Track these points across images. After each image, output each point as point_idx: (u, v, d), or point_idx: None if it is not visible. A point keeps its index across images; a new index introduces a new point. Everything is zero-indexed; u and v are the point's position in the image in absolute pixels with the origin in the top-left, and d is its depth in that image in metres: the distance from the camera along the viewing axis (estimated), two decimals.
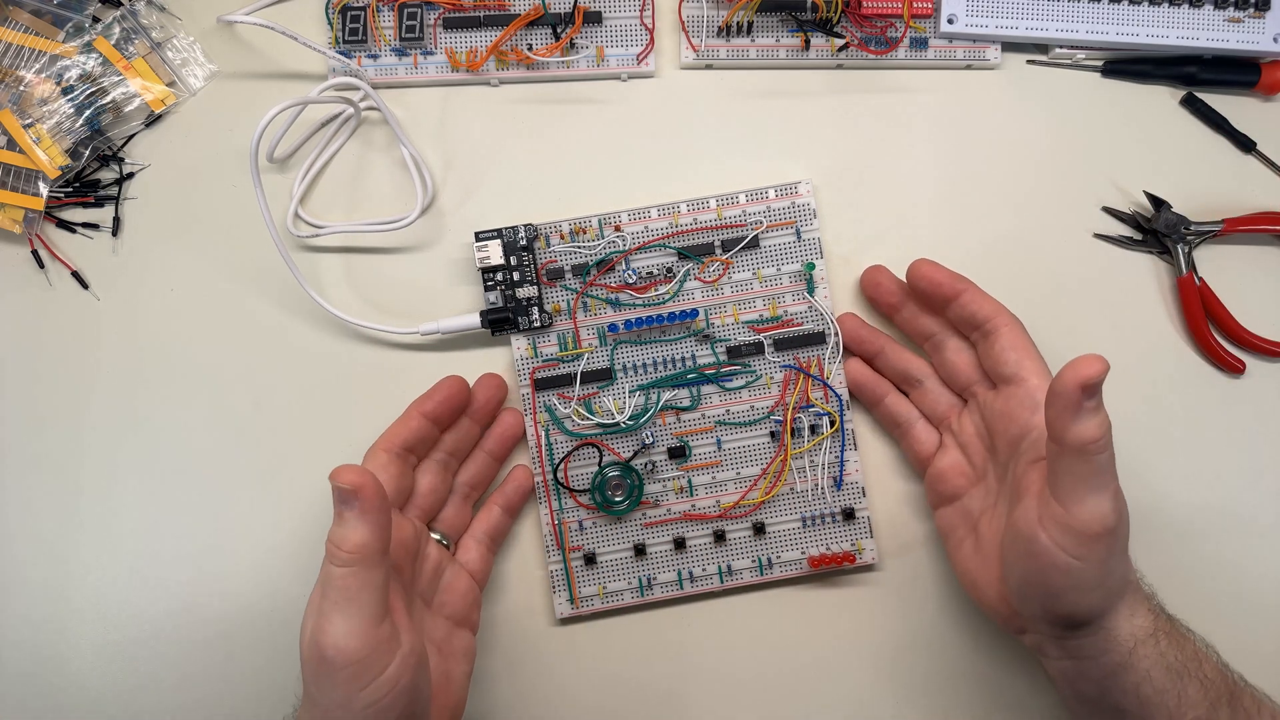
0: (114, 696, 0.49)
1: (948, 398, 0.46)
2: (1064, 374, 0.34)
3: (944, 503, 0.46)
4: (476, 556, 0.46)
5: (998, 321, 0.43)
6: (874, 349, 0.48)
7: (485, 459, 0.47)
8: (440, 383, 0.45)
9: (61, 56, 0.50)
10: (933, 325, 0.46)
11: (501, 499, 0.48)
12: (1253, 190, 0.51)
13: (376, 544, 0.34)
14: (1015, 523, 0.38)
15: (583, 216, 0.49)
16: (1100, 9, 0.50)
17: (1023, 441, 0.41)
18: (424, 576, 0.43)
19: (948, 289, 0.44)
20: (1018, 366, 0.42)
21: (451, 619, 0.44)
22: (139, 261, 0.51)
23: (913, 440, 0.47)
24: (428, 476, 0.45)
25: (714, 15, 0.50)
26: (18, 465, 0.49)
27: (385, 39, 0.50)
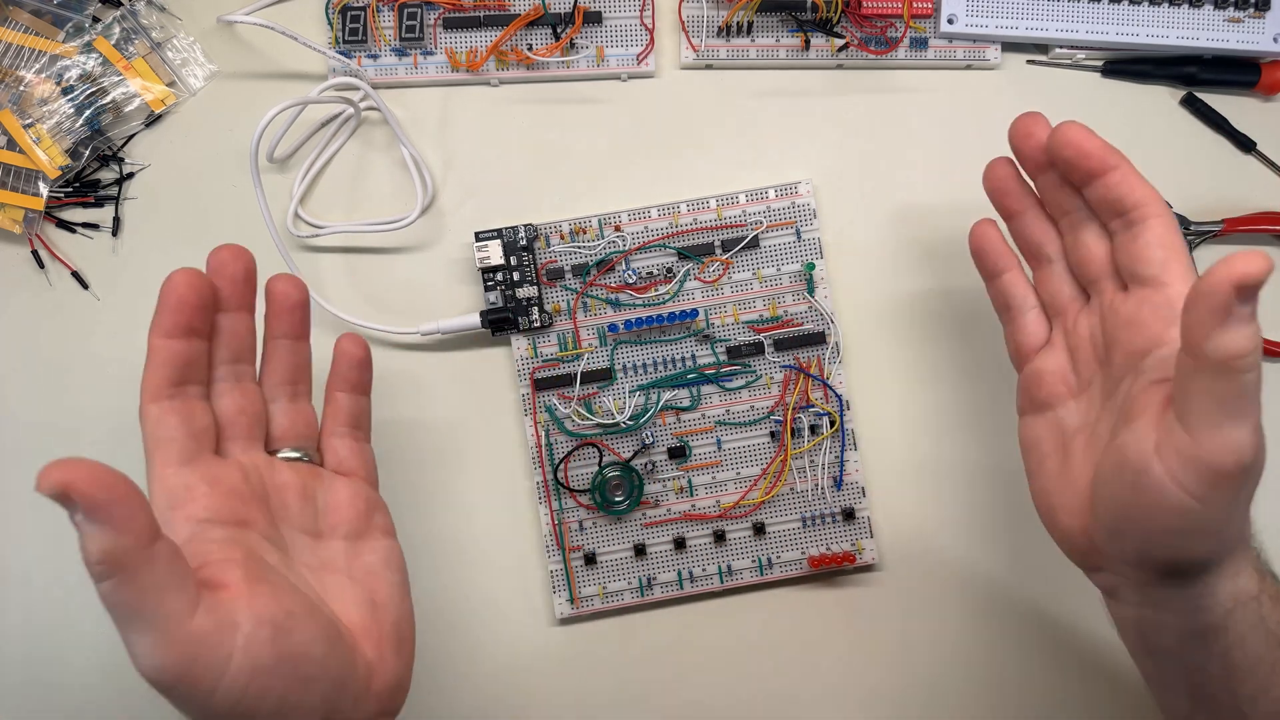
0: (114, 696, 0.49)
1: (1072, 288, 0.39)
2: (1216, 270, 0.28)
3: (1035, 410, 0.39)
4: (347, 453, 0.39)
5: (1147, 211, 0.35)
6: (1016, 209, 0.40)
7: (285, 346, 0.38)
8: (165, 287, 0.34)
9: (61, 56, 0.50)
10: (1074, 200, 0.38)
11: (341, 382, 0.40)
12: (1253, 190, 0.51)
13: (130, 542, 0.27)
14: (1123, 449, 0.32)
15: (583, 216, 0.49)
16: (1100, 9, 0.50)
17: (1148, 356, 0.34)
18: (291, 511, 0.36)
19: (1096, 162, 0.36)
20: (1161, 267, 0.34)
21: (348, 537, 0.37)
22: (139, 261, 0.51)
23: (1019, 329, 0.40)
24: (226, 399, 0.36)
25: (714, 15, 0.50)
26: (17, 465, 0.49)
27: (385, 39, 0.50)
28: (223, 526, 0.33)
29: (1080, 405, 0.38)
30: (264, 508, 0.35)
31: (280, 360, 0.38)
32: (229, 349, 0.36)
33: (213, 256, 0.36)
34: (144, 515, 0.27)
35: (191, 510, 0.33)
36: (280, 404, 0.38)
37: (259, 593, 0.31)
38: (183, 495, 0.33)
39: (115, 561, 0.27)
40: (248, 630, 0.30)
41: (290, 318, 0.38)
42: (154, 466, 0.33)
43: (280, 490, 0.36)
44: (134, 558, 0.27)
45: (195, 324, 0.35)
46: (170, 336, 0.34)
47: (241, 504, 0.34)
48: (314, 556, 0.36)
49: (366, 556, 0.37)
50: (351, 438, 0.40)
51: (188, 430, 0.34)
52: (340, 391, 0.40)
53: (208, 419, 0.35)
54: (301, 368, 0.39)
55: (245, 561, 0.32)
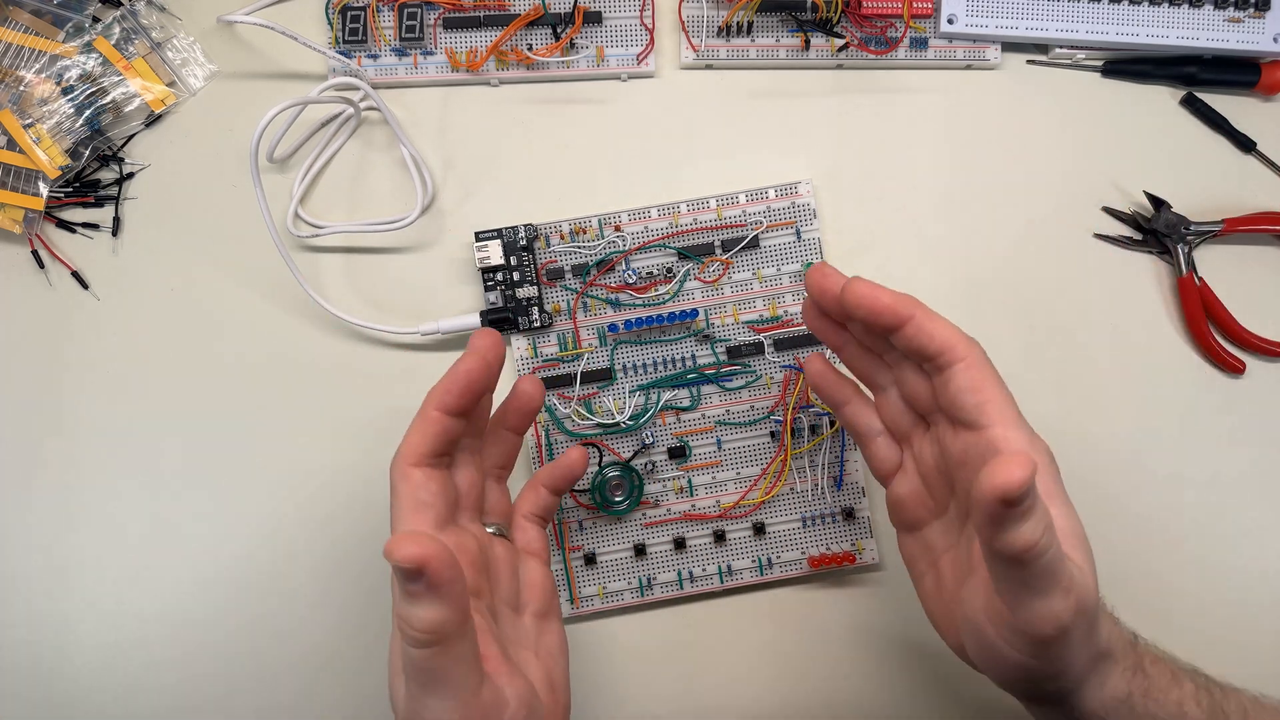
0: (114, 696, 0.49)
1: (911, 416, 0.39)
2: (981, 483, 0.28)
3: (904, 529, 0.40)
4: (534, 536, 0.41)
5: (952, 355, 0.35)
6: (837, 344, 0.40)
7: (509, 438, 0.41)
8: (459, 369, 0.37)
9: (61, 56, 0.50)
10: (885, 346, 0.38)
11: (551, 481, 0.42)
12: (1253, 190, 0.51)
13: (456, 617, 0.29)
14: (963, 606, 0.34)
15: (583, 216, 0.49)
16: (1100, 9, 0.50)
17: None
18: (502, 583, 0.38)
19: (890, 316, 0.35)
20: (977, 411, 0.35)
21: (537, 615, 0.39)
22: (139, 261, 0.51)
23: (871, 454, 0.40)
24: (462, 471, 0.39)
25: (714, 15, 0.50)
26: (17, 465, 0.49)
27: (385, 39, 0.50)
28: (473, 596, 0.35)
29: (942, 525, 0.38)
30: (486, 579, 0.37)
31: (501, 448, 0.41)
32: (474, 427, 0.39)
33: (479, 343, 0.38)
34: (466, 595, 0.30)
35: None
36: (490, 484, 0.41)
37: (513, 670, 0.34)
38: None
39: (440, 634, 0.29)
40: (514, 707, 0.32)
41: (525, 418, 0.41)
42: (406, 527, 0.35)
43: (496, 564, 0.38)
44: (455, 632, 0.30)
45: (468, 408, 0.37)
46: (448, 413, 0.36)
47: (475, 574, 0.36)
48: (514, 631, 0.38)
49: (547, 638, 0.39)
50: (539, 525, 0.42)
51: (445, 499, 0.36)
52: (546, 486, 0.42)
53: (455, 491, 0.37)
54: (512, 456, 0.42)
55: (496, 639, 0.34)
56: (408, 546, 0.28)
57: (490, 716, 0.31)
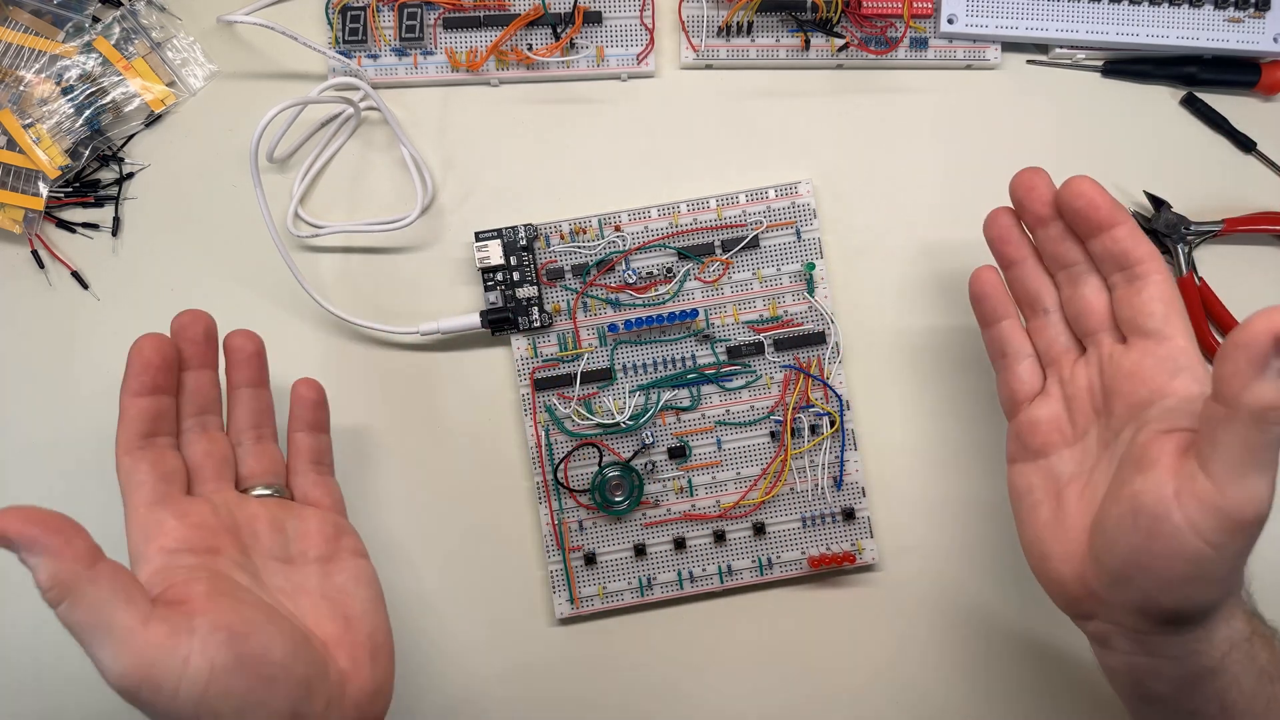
0: (114, 696, 0.48)
1: (1067, 339, 0.40)
2: (1253, 323, 0.28)
3: (1027, 458, 0.39)
4: (311, 487, 0.42)
5: (1150, 267, 0.36)
6: (1015, 257, 0.41)
7: (246, 394, 0.43)
8: (132, 352, 0.39)
9: (61, 56, 0.50)
10: (1077, 253, 0.39)
11: (299, 424, 0.43)
12: (1253, 190, 0.51)
13: (72, 564, 0.31)
14: (1138, 496, 0.32)
15: (583, 216, 0.49)
16: (1100, 9, 0.50)
17: (1151, 407, 0.35)
18: (262, 540, 0.39)
19: (1105, 215, 0.37)
20: (1164, 321, 0.36)
21: (320, 560, 0.40)
22: (139, 261, 0.51)
23: (1013, 376, 0.41)
24: (194, 446, 0.40)
25: (714, 15, 0.50)
26: (17, 465, 0.49)
27: (385, 39, 0.50)
28: (192, 554, 0.36)
29: (1075, 453, 0.38)
30: (234, 538, 0.38)
31: (243, 407, 0.42)
32: (194, 403, 0.41)
33: (175, 321, 0.41)
34: (80, 542, 0.31)
35: (163, 542, 0.36)
36: (247, 446, 0.42)
37: (218, 604, 0.34)
38: (155, 530, 0.36)
39: (60, 585, 0.31)
40: (203, 634, 0.32)
41: (248, 368, 0.43)
42: (129, 509, 0.37)
43: (250, 521, 0.39)
44: (76, 579, 0.31)
45: (160, 383, 0.39)
46: (138, 395, 0.38)
47: (210, 534, 0.37)
48: (286, 581, 0.39)
49: (337, 577, 0.40)
50: (315, 473, 0.43)
51: (157, 474, 0.38)
52: (299, 432, 0.43)
53: (177, 463, 0.39)
54: (264, 412, 0.43)
55: (209, 580, 0.35)
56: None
57: (166, 647, 0.31)
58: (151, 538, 0.36)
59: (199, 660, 0.32)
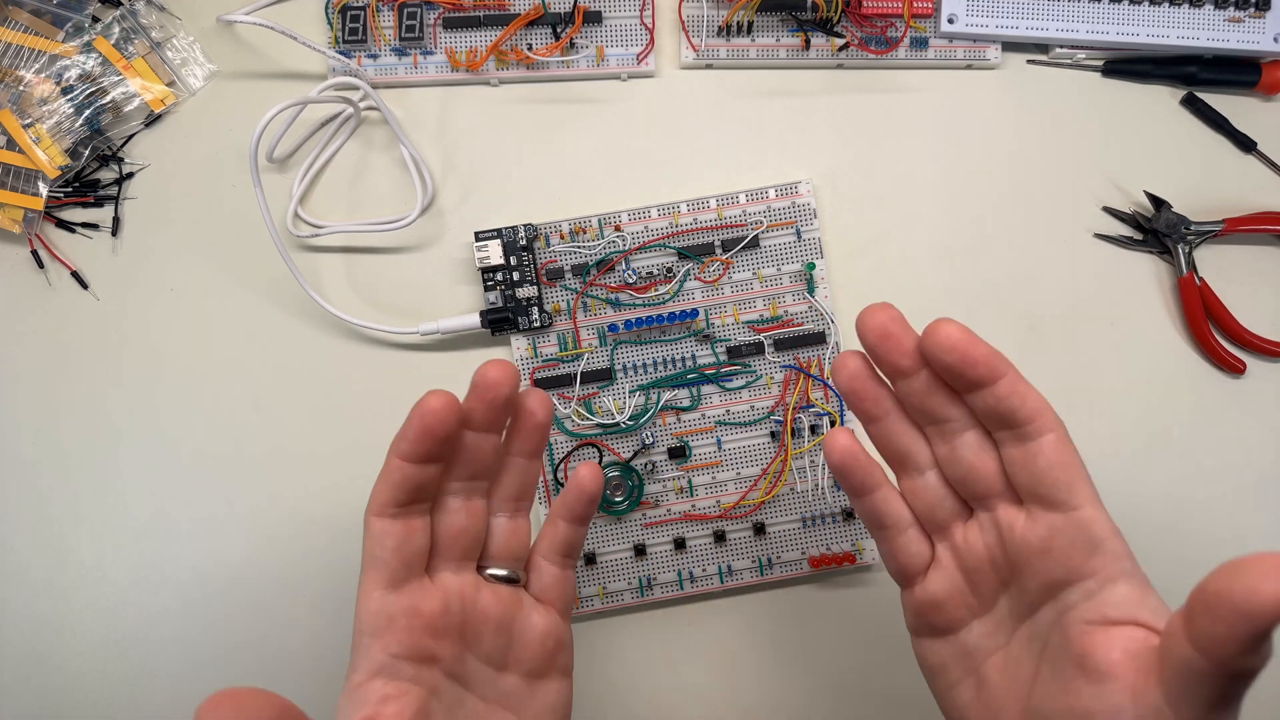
0: (114, 696, 0.49)
1: (951, 501, 0.34)
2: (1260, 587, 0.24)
3: (933, 635, 0.35)
4: (550, 580, 0.38)
5: (1042, 424, 0.31)
6: (876, 413, 0.34)
7: (519, 464, 0.37)
8: (415, 412, 0.34)
9: (61, 56, 0.50)
10: (949, 408, 0.33)
11: (564, 510, 0.38)
12: (1253, 190, 0.51)
13: None
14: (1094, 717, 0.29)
15: (583, 216, 0.49)
16: (1100, 9, 0.50)
17: (1070, 589, 0.31)
18: (486, 639, 0.35)
19: (984, 369, 0.31)
20: (1068, 491, 0.31)
21: (529, 675, 0.36)
22: (139, 261, 0.51)
23: (899, 549, 0.35)
24: (452, 516, 0.35)
25: (714, 15, 0.50)
26: (17, 465, 0.49)
27: (385, 39, 0.50)
28: (412, 664, 0.33)
29: (986, 626, 0.34)
30: (457, 639, 0.35)
31: (513, 478, 0.37)
32: (469, 467, 0.35)
33: (480, 374, 0.35)
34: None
35: (388, 642, 0.33)
36: (501, 520, 0.37)
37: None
38: (384, 625, 0.33)
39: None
40: None
41: (533, 438, 0.37)
42: (365, 584, 0.34)
43: (479, 621, 0.35)
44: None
45: (436, 454, 0.34)
46: (409, 460, 0.33)
47: (435, 638, 0.34)
48: (493, 689, 0.35)
49: (542, 698, 0.36)
50: (561, 565, 0.38)
51: (404, 554, 0.34)
52: (564, 520, 0.38)
53: (425, 540, 0.34)
54: (529, 486, 0.38)
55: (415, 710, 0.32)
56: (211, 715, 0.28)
57: None
58: (378, 633, 0.33)
59: None
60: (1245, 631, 0.25)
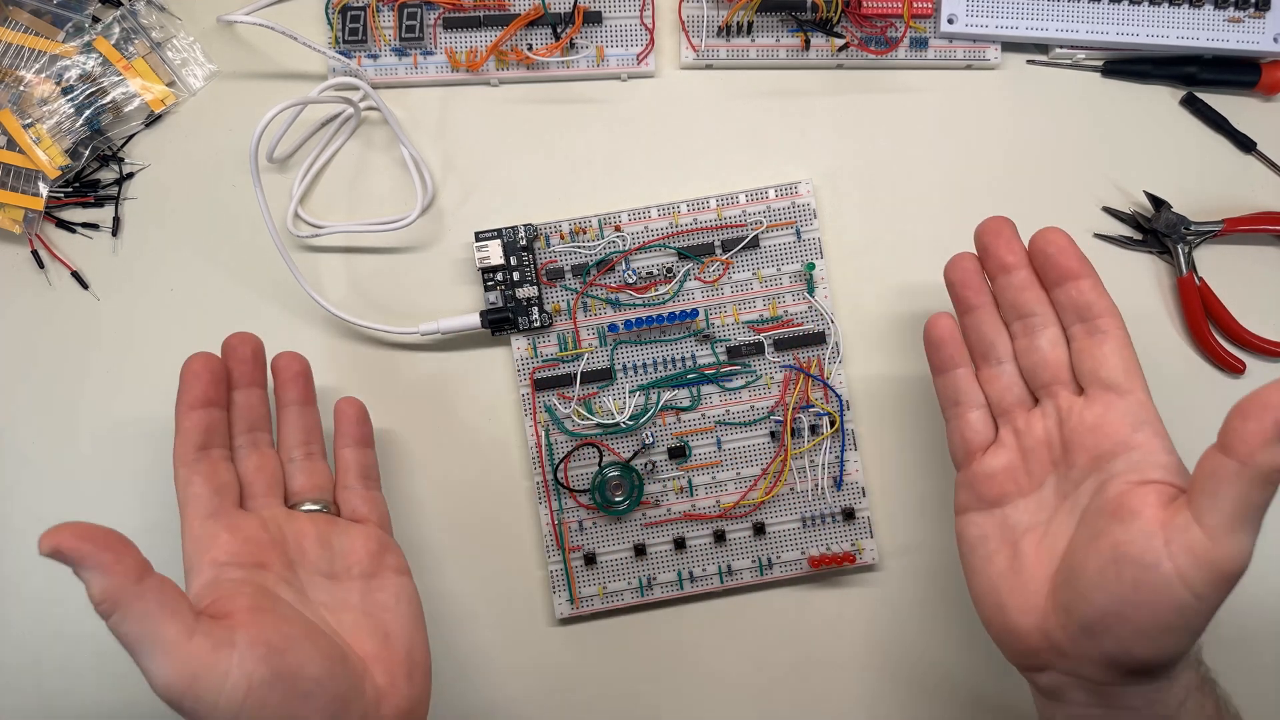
0: (114, 696, 0.49)
1: (1020, 390, 0.40)
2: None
3: (981, 507, 0.39)
4: (359, 502, 0.43)
5: (1111, 321, 0.37)
6: (975, 303, 0.41)
7: (294, 411, 0.44)
8: (184, 368, 0.41)
9: (61, 56, 0.50)
10: (1037, 304, 0.39)
11: (346, 440, 0.44)
12: (1253, 190, 0.51)
13: (120, 579, 0.32)
14: (1123, 546, 0.33)
15: (583, 216, 0.49)
16: (1100, 9, 0.50)
17: (1116, 460, 0.35)
18: (309, 555, 0.40)
19: (1074, 265, 0.38)
20: (1124, 375, 0.36)
21: (362, 576, 0.41)
22: (139, 261, 0.51)
23: (966, 425, 0.40)
24: (246, 462, 0.42)
25: (714, 15, 0.50)
26: (17, 465, 0.49)
27: (385, 39, 0.50)
28: (240, 568, 0.37)
29: (1030, 504, 0.38)
30: (282, 553, 0.39)
31: (291, 424, 0.44)
32: (245, 420, 0.42)
33: (224, 342, 0.43)
34: (129, 558, 0.32)
35: (214, 555, 0.38)
36: (297, 463, 0.43)
37: (259, 619, 0.35)
38: (207, 542, 0.38)
39: (110, 599, 0.32)
40: (243, 649, 0.33)
41: (294, 386, 0.44)
42: (185, 520, 0.39)
43: (298, 537, 0.41)
44: (125, 593, 0.32)
45: (212, 396, 0.41)
46: (192, 408, 0.40)
47: (259, 549, 0.39)
48: (329, 596, 0.40)
49: (378, 594, 0.41)
50: (362, 487, 0.44)
51: (211, 487, 0.40)
52: (346, 448, 0.44)
53: (230, 477, 0.41)
54: (311, 429, 0.44)
55: (253, 595, 0.36)
56: (43, 541, 0.31)
57: (208, 660, 0.33)
58: (204, 550, 0.38)
59: (238, 674, 0.33)
60: (1273, 424, 0.29)
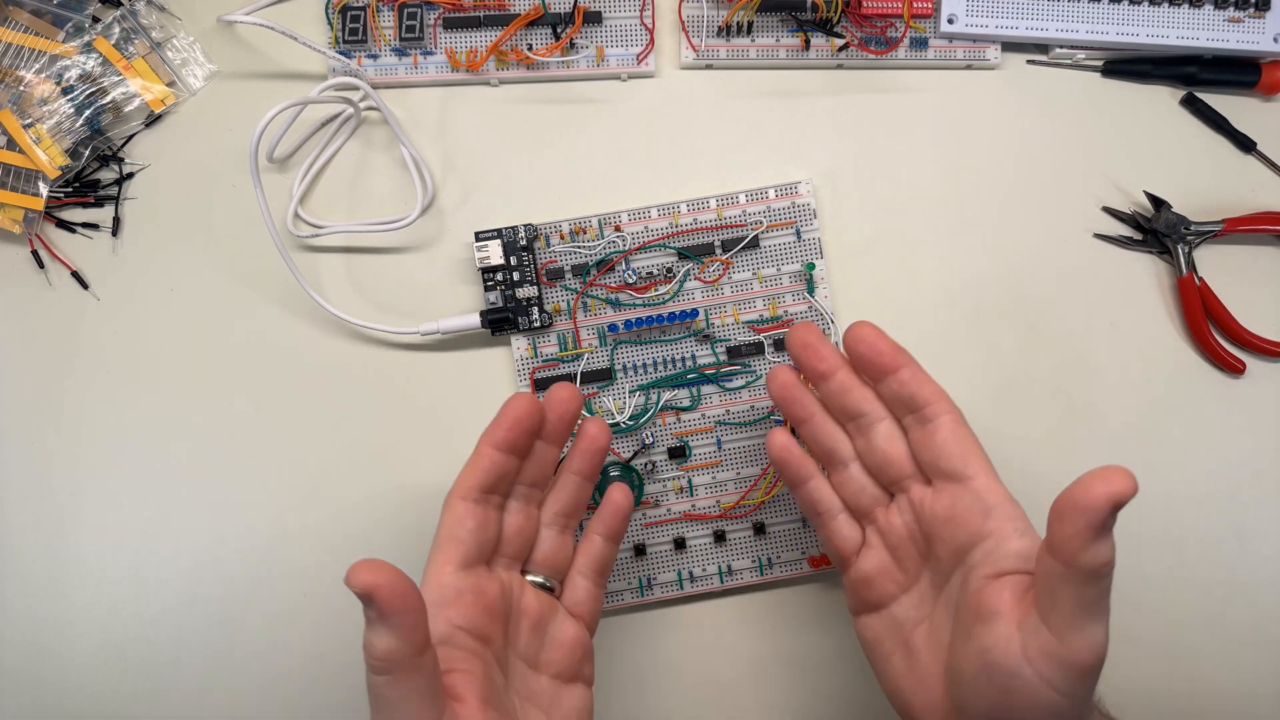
0: (114, 696, 0.49)
1: (873, 488, 0.40)
2: (1092, 487, 0.29)
3: (868, 610, 0.40)
4: (584, 596, 0.41)
5: (938, 407, 0.37)
6: (804, 415, 0.41)
7: (575, 481, 0.41)
8: (507, 405, 0.38)
9: (61, 56, 0.50)
10: (864, 403, 0.39)
11: (601, 526, 0.42)
12: (1253, 190, 0.51)
13: (409, 649, 0.30)
14: (988, 653, 0.33)
15: (583, 216, 0.49)
16: (1100, 9, 0.50)
17: (973, 550, 0.36)
18: (523, 635, 0.38)
19: (887, 360, 0.38)
20: (963, 462, 0.36)
21: (559, 676, 0.39)
22: (139, 261, 0.51)
23: (833, 533, 0.41)
24: (513, 516, 0.39)
25: (714, 15, 0.50)
26: (17, 465, 0.49)
27: (385, 39, 0.50)
28: (473, 638, 0.35)
29: (912, 599, 0.39)
30: (504, 629, 0.37)
31: (567, 493, 0.41)
32: (532, 473, 0.39)
33: (553, 392, 0.39)
34: (423, 628, 0.31)
35: (454, 614, 0.35)
36: (550, 532, 0.40)
37: (488, 714, 0.33)
38: (452, 595, 0.36)
39: (393, 662, 0.30)
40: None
41: (591, 459, 0.41)
42: (437, 559, 0.36)
43: (520, 615, 0.38)
44: (408, 663, 0.30)
45: (521, 445, 0.38)
46: (498, 449, 0.37)
47: (492, 621, 0.37)
48: (525, 686, 0.38)
49: (566, 701, 0.39)
50: (593, 581, 0.41)
51: (480, 537, 0.37)
52: (600, 535, 0.42)
53: (496, 531, 0.38)
54: (580, 505, 0.41)
55: (483, 682, 0.34)
56: (361, 573, 0.29)
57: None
58: (446, 602, 0.36)
59: None
60: (1085, 525, 0.29)
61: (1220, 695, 0.48)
